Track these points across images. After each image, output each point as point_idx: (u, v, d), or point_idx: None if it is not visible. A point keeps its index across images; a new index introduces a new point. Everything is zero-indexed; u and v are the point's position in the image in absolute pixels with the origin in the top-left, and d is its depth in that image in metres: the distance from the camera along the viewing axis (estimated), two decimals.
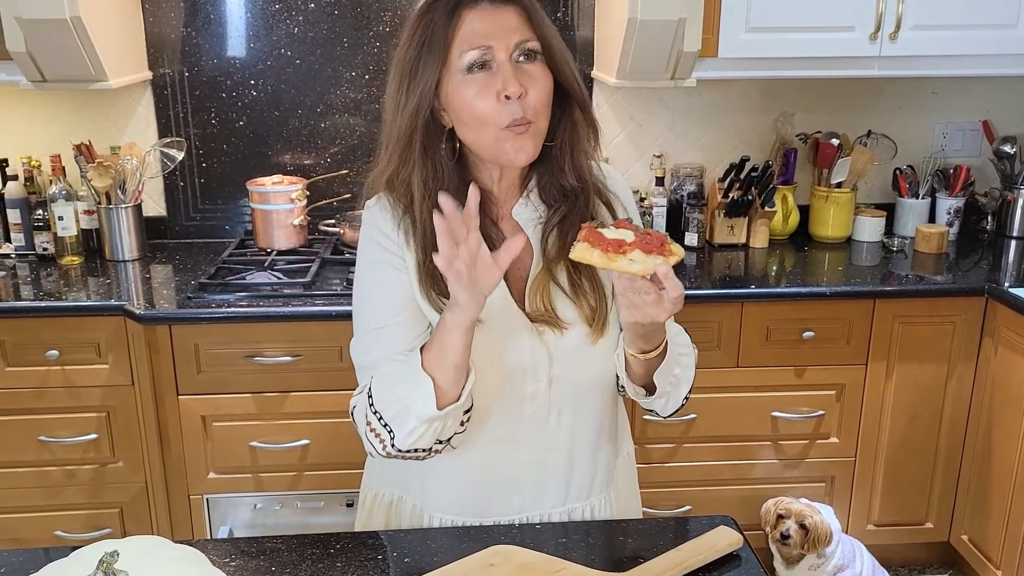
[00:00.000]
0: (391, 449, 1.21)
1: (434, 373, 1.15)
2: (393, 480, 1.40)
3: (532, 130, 1.18)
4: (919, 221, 2.91)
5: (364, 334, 1.28)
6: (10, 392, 2.34)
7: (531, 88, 1.16)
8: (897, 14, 2.47)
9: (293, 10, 2.74)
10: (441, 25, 1.17)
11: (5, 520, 2.44)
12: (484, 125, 1.17)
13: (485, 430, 1.28)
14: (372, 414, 1.21)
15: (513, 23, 1.17)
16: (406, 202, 1.24)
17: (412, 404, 1.17)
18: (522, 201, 1.29)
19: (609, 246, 1.08)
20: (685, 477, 2.57)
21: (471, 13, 1.17)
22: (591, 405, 1.33)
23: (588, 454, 1.35)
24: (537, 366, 1.26)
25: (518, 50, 1.17)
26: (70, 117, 2.77)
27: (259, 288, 2.40)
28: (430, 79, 1.17)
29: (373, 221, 1.28)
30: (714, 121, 2.95)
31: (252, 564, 1.20)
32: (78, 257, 2.66)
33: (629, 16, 2.34)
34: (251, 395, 2.36)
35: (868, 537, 2.64)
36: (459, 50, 1.16)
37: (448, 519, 1.35)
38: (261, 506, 2.47)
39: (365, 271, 1.30)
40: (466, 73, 1.17)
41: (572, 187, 1.27)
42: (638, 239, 1.09)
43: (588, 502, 1.37)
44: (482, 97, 1.16)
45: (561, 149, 1.26)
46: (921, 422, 2.58)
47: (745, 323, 2.45)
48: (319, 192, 2.80)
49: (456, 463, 1.31)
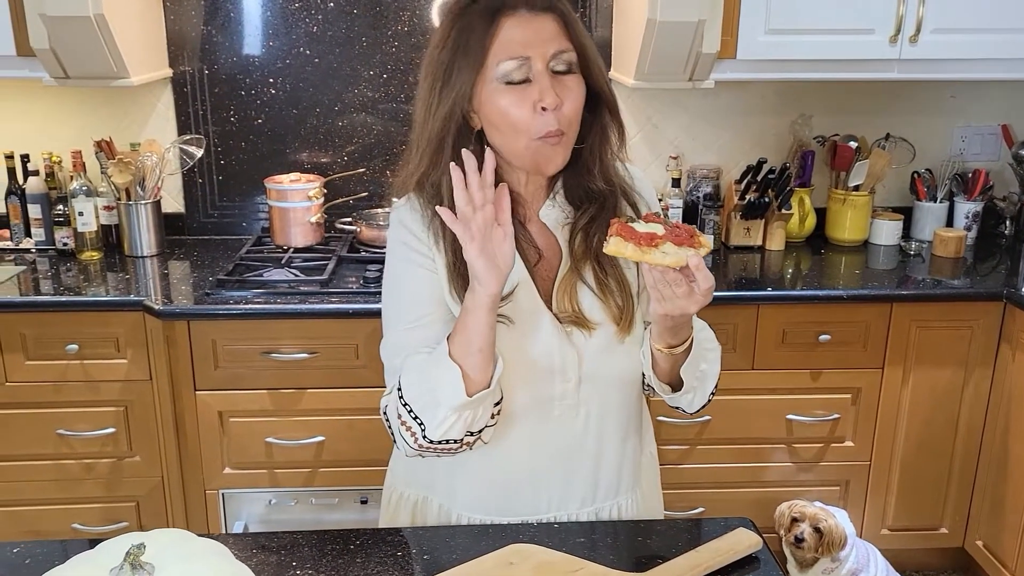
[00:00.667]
0: (423, 441, 1.21)
1: (461, 361, 1.16)
2: (419, 481, 1.40)
3: (564, 140, 1.19)
4: (937, 225, 2.90)
5: (394, 334, 1.29)
6: (30, 386, 2.36)
7: (566, 99, 1.17)
8: (918, 17, 2.46)
9: (312, 9, 2.75)
10: (479, 31, 1.16)
11: (24, 512, 2.46)
12: (518, 134, 1.18)
13: (514, 430, 1.29)
14: (402, 407, 1.21)
15: (551, 32, 1.17)
16: (436, 203, 1.24)
17: (441, 393, 1.17)
18: (549, 203, 1.30)
19: (642, 239, 1.09)
20: (699, 479, 2.57)
21: (510, 20, 1.16)
22: (618, 404, 1.33)
23: (615, 453, 1.35)
24: (566, 366, 1.27)
25: (555, 60, 1.17)
26: (91, 113, 2.80)
27: (276, 285, 2.41)
28: (465, 85, 1.17)
29: (402, 222, 1.29)
30: (731, 123, 2.95)
31: (273, 559, 1.21)
32: (98, 252, 2.68)
33: (648, 17, 2.34)
34: (267, 391, 2.37)
35: (882, 542, 2.63)
36: (496, 58, 1.16)
37: (476, 518, 1.35)
38: (276, 502, 2.48)
39: (394, 271, 1.30)
40: (502, 82, 1.17)
41: (599, 190, 1.27)
42: (669, 232, 1.11)
43: (616, 501, 1.37)
44: (518, 107, 1.16)
45: (590, 152, 1.26)
46: (937, 427, 2.57)
47: (761, 325, 2.45)
48: (336, 190, 2.81)
49: (484, 462, 1.31)
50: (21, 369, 2.35)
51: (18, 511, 2.46)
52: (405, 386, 1.21)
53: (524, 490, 1.33)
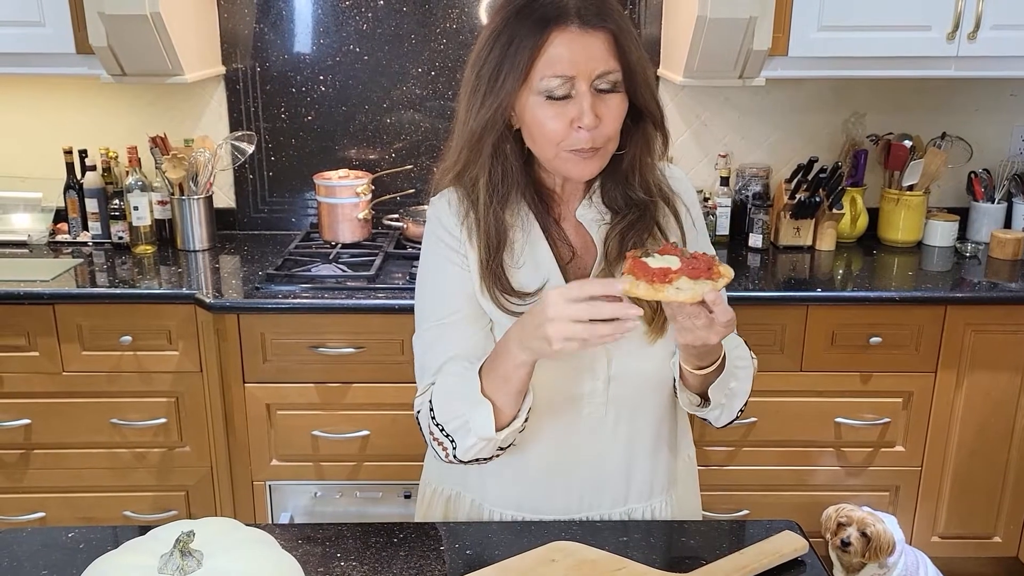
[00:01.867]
0: (453, 458, 1.24)
1: (494, 397, 1.17)
2: (452, 477, 1.41)
3: (599, 155, 1.19)
4: (994, 226, 2.82)
5: (425, 328, 1.30)
6: (86, 376, 2.42)
7: (605, 118, 1.16)
8: (977, 13, 2.40)
9: (362, 7, 2.77)
10: (528, 42, 1.14)
11: (78, 499, 2.53)
12: (548, 144, 1.19)
13: (544, 428, 1.29)
14: (434, 425, 1.23)
15: (599, 51, 1.15)
16: (472, 200, 1.25)
17: (472, 423, 1.18)
18: (585, 202, 1.30)
19: (655, 276, 1.04)
20: (744, 481, 2.54)
21: (560, 36, 1.14)
22: (649, 405, 1.32)
23: (647, 455, 1.34)
24: (595, 365, 1.27)
25: (599, 80, 1.16)
26: (147, 110, 2.86)
27: (324, 280, 2.44)
28: (509, 92, 1.17)
29: (438, 217, 1.30)
30: (781, 121, 2.91)
31: (318, 550, 1.22)
32: (151, 246, 2.74)
33: (699, 14, 2.32)
34: (314, 385, 2.40)
35: (933, 549, 2.57)
36: (541, 73, 1.15)
37: (508, 514, 1.36)
38: (321, 494, 2.51)
39: (428, 266, 1.31)
40: (543, 95, 1.16)
41: (639, 199, 1.27)
42: (684, 265, 1.05)
43: (648, 503, 1.37)
44: (555, 120, 1.16)
45: (631, 162, 1.26)
46: (991, 433, 2.50)
47: (810, 327, 2.41)
48: (383, 187, 2.84)
49: (515, 461, 1.32)
50: (78, 359, 2.41)
51: (73, 497, 2.53)
52: (437, 407, 1.23)
53: (555, 488, 1.33)
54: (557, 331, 1.04)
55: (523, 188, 1.25)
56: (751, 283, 2.48)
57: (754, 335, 2.39)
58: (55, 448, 2.48)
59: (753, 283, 2.49)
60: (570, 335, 1.04)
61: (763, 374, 2.42)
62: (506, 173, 1.23)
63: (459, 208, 1.27)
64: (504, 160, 1.22)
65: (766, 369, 2.44)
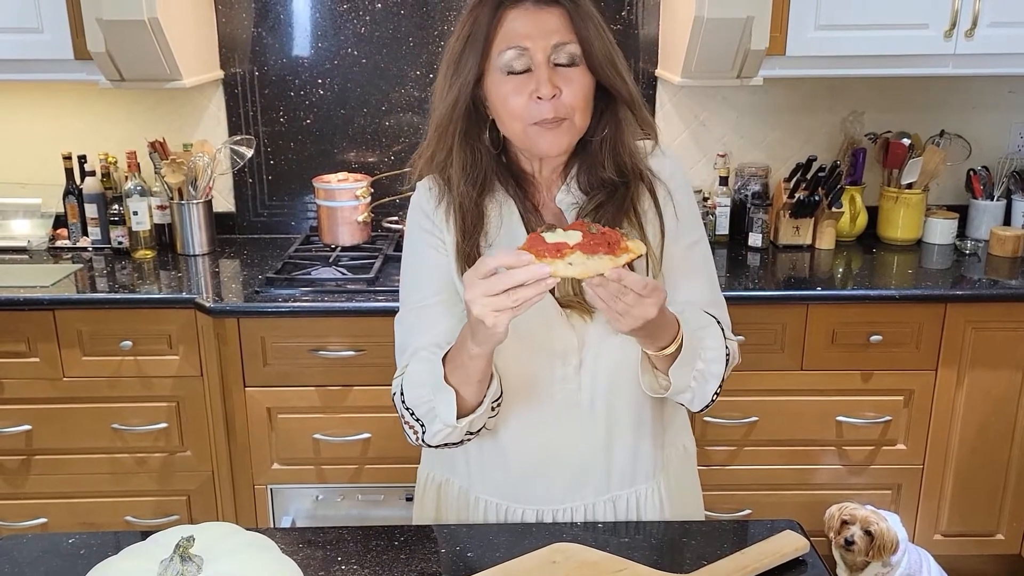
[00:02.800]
0: (422, 442, 1.27)
1: (457, 385, 1.19)
2: (442, 463, 1.45)
3: (566, 125, 1.21)
4: (994, 224, 2.82)
5: (407, 310, 1.33)
6: (86, 381, 2.42)
7: (566, 88, 1.19)
8: (974, 11, 2.40)
9: (360, 10, 2.77)
10: (484, 22, 1.20)
11: (79, 504, 2.53)
12: (514, 120, 1.22)
13: (519, 414, 1.31)
14: (405, 409, 1.27)
15: (553, 25, 1.19)
16: (447, 184, 1.29)
17: (438, 409, 1.21)
18: (564, 188, 1.31)
19: (547, 251, 1.03)
20: (746, 480, 2.54)
21: (513, 11, 1.20)
22: (625, 390, 1.32)
23: (628, 441, 1.35)
24: (567, 350, 1.28)
25: (556, 52, 1.19)
26: (145, 115, 2.86)
27: (324, 283, 2.44)
28: (471, 73, 1.22)
29: (418, 202, 1.35)
30: (780, 120, 2.91)
31: (319, 554, 1.22)
32: (151, 251, 2.74)
33: (696, 14, 2.32)
34: (315, 388, 2.40)
35: (936, 547, 2.57)
36: (498, 48, 1.20)
37: (493, 501, 1.38)
38: (323, 498, 2.51)
39: (408, 250, 1.36)
40: (503, 71, 1.20)
41: (611, 180, 1.28)
42: (584, 241, 1.04)
43: (633, 490, 1.36)
44: (515, 94, 1.20)
45: (601, 145, 1.28)
46: (993, 430, 2.50)
47: (810, 325, 2.41)
48: (383, 189, 2.84)
49: (496, 446, 1.35)
50: (78, 365, 2.41)
51: (74, 503, 2.53)
52: (407, 391, 1.26)
53: (536, 474, 1.35)
54: (481, 310, 1.06)
55: (500, 174, 1.29)
56: (751, 282, 2.48)
57: (754, 334, 2.41)
58: (56, 454, 2.48)
59: (753, 282, 2.49)
60: (496, 307, 1.05)
61: (764, 373, 2.45)
62: (477, 158, 1.27)
63: (436, 193, 1.32)
64: (475, 146, 1.26)
65: (767, 368, 2.45)
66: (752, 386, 2.44)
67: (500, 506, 1.37)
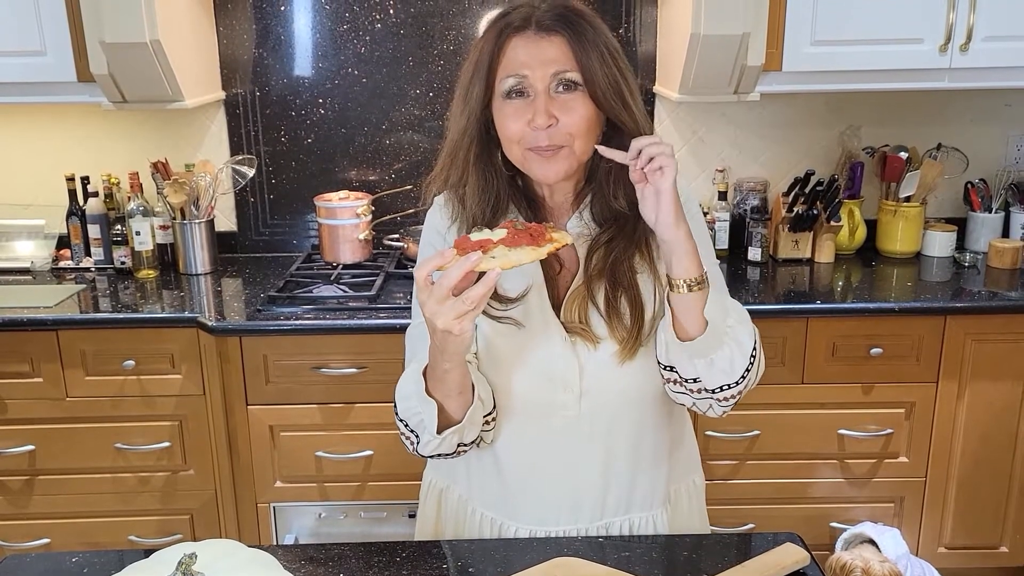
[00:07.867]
0: (416, 452, 1.30)
1: (441, 400, 1.22)
2: (443, 471, 1.47)
3: (564, 153, 1.22)
4: (992, 236, 2.83)
5: (415, 324, 1.36)
6: (89, 401, 2.43)
7: (564, 117, 1.20)
8: (968, 25, 2.42)
9: (360, 30, 2.80)
10: (488, 49, 1.23)
11: (82, 524, 2.53)
12: (512, 144, 1.24)
13: (518, 433, 1.33)
14: (399, 421, 1.30)
15: (554, 54, 1.20)
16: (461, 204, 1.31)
17: (425, 420, 1.24)
18: (575, 217, 1.32)
19: (471, 248, 1.09)
20: (749, 494, 2.53)
21: (516, 40, 1.22)
22: (626, 422, 1.32)
23: (624, 470, 1.35)
24: (568, 376, 1.28)
25: (555, 81, 1.21)
26: (148, 136, 2.88)
27: (325, 301, 2.45)
28: (478, 98, 1.24)
29: (431, 220, 1.38)
30: (778, 135, 2.93)
31: (321, 571, 1.23)
32: (153, 271, 2.76)
33: (692, 31, 2.34)
34: (317, 406, 2.40)
35: (939, 560, 2.56)
36: (501, 75, 1.23)
37: (488, 515, 1.39)
38: (326, 515, 2.51)
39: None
40: (505, 98, 1.23)
41: (623, 212, 1.28)
42: (508, 236, 1.11)
43: (627, 518, 1.37)
44: (514, 120, 1.22)
45: (608, 175, 1.28)
46: (995, 442, 2.50)
47: (810, 339, 2.41)
48: (384, 207, 2.85)
49: (496, 462, 1.36)
50: (81, 384, 2.42)
51: (78, 523, 2.53)
52: (398, 401, 1.29)
53: (530, 494, 1.36)
54: (445, 321, 1.09)
55: (514, 196, 1.30)
56: (751, 296, 2.49)
57: None
58: (59, 474, 2.49)
59: (753, 296, 2.50)
60: (456, 313, 1.09)
61: (765, 387, 2.43)
62: (490, 179, 1.28)
63: (450, 212, 1.34)
64: (487, 170, 1.28)
65: (768, 382, 2.43)
66: (753, 400, 2.41)
67: (495, 521, 1.38)
